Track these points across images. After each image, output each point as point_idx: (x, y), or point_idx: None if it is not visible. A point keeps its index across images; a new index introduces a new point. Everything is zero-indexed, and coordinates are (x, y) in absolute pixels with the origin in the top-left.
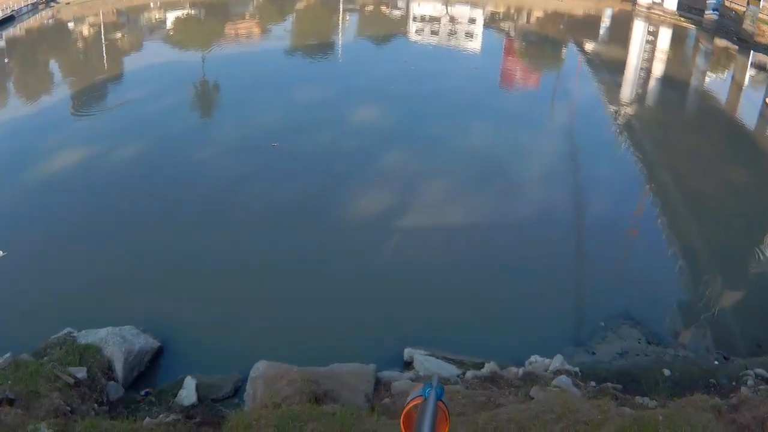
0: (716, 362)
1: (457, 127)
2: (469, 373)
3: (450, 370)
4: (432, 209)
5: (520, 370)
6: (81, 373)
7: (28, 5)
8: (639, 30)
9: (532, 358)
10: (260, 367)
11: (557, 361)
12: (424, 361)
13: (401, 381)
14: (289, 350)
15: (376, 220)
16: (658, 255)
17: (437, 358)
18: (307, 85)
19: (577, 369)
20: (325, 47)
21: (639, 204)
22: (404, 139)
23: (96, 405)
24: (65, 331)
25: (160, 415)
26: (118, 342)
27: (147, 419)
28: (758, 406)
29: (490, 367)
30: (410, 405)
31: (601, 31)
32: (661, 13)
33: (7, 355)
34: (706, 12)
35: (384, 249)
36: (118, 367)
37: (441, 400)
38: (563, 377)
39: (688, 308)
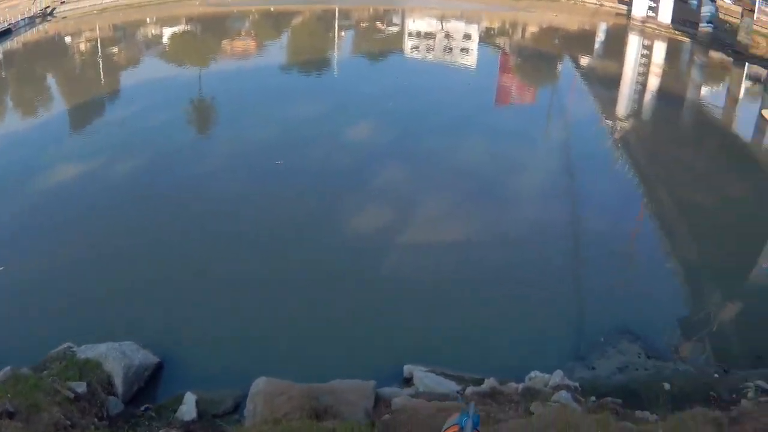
0: (716, 375)
1: (453, 142)
2: (469, 389)
3: (449, 386)
4: (430, 225)
5: (520, 386)
6: (81, 387)
7: (25, 19)
8: (634, 44)
9: (532, 373)
10: (260, 384)
11: (557, 377)
12: (423, 377)
13: (401, 397)
14: (290, 367)
15: (375, 237)
16: (656, 270)
17: (437, 374)
18: (304, 101)
19: (577, 384)
20: (321, 63)
21: (636, 218)
22: (401, 156)
23: (96, 419)
24: (65, 345)
25: (161, 431)
26: (118, 357)
27: None
28: (759, 418)
29: (489, 383)
30: None
31: (596, 46)
32: (655, 26)
33: (7, 368)
34: (701, 25)
35: (381, 266)
36: (118, 382)
37: (477, 429)
38: (563, 393)
39: (687, 322)
